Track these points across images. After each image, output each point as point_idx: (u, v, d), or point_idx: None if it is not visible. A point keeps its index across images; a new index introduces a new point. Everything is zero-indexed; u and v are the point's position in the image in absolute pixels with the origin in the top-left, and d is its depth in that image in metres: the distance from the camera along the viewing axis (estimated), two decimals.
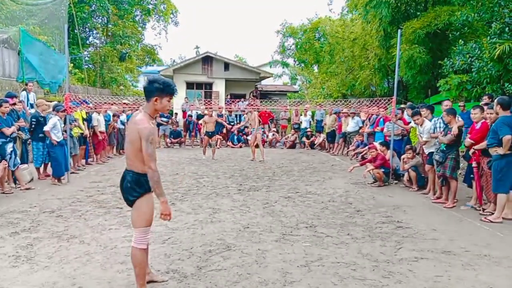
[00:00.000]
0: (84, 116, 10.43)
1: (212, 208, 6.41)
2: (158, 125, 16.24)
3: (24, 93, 10.84)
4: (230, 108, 18.68)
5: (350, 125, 13.58)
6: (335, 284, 3.63)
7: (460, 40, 9.80)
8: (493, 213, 6.00)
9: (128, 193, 3.25)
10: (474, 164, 6.38)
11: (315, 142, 16.44)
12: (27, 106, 10.45)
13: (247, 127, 18.46)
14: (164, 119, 16.40)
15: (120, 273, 3.82)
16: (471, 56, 9.06)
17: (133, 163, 3.22)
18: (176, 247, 4.57)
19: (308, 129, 16.87)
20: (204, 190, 7.80)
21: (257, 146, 12.36)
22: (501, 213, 5.81)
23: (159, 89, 3.19)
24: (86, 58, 23.63)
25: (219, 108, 18.09)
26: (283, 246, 4.64)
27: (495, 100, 6.05)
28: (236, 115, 18.80)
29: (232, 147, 16.78)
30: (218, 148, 16.16)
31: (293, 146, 16.92)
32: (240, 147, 16.80)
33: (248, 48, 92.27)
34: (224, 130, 17.35)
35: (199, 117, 16.61)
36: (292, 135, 17.24)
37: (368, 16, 15.13)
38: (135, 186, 3.20)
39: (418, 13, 13.79)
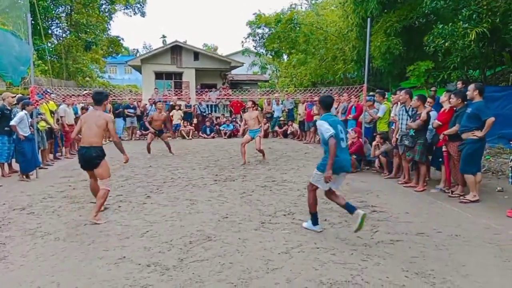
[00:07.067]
0: (53, 109, 10.05)
1: (189, 199, 6.37)
2: (126, 116, 15.89)
3: None
4: (201, 99, 18.49)
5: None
6: (316, 269, 3.71)
7: (438, 23, 10.07)
8: (461, 195, 6.27)
9: (95, 159, 5.17)
10: (444, 148, 6.60)
11: (288, 131, 16.56)
12: None
13: (218, 117, 18.43)
14: (131, 111, 15.96)
15: (100, 268, 3.75)
16: (452, 38, 9.40)
17: (96, 140, 5.20)
18: (156, 240, 4.52)
19: (281, 118, 16.92)
20: (180, 182, 7.73)
21: (260, 151, 10.06)
22: (475, 191, 6.06)
23: (107, 97, 5.57)
24: (50, 49, 22.67)
25: (178, 99, 17.99)
26: (263, 234, 4.68)
27: (473, 86, 6.13)
28: (207, 105, 18.60)
29: (204, 137, 16.64)
30: (190, 139, 16.03)
31: (265, 135, 16.96)
32: (213, 137, 16.70)
33: (218, 37, 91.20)
34: (195, 121, 17.19)
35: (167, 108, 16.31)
36: (265, 124, 17.25)
37: (347, 9, 15.15)
38: (100, 154, 5.22)
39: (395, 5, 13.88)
